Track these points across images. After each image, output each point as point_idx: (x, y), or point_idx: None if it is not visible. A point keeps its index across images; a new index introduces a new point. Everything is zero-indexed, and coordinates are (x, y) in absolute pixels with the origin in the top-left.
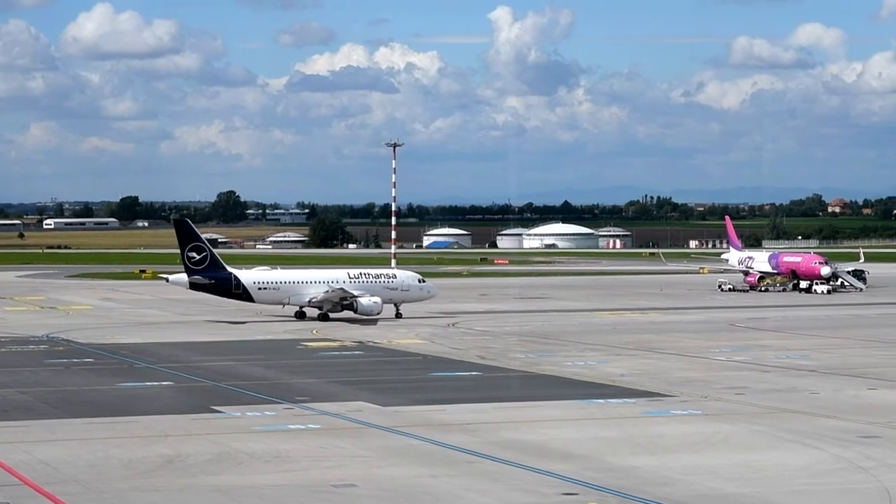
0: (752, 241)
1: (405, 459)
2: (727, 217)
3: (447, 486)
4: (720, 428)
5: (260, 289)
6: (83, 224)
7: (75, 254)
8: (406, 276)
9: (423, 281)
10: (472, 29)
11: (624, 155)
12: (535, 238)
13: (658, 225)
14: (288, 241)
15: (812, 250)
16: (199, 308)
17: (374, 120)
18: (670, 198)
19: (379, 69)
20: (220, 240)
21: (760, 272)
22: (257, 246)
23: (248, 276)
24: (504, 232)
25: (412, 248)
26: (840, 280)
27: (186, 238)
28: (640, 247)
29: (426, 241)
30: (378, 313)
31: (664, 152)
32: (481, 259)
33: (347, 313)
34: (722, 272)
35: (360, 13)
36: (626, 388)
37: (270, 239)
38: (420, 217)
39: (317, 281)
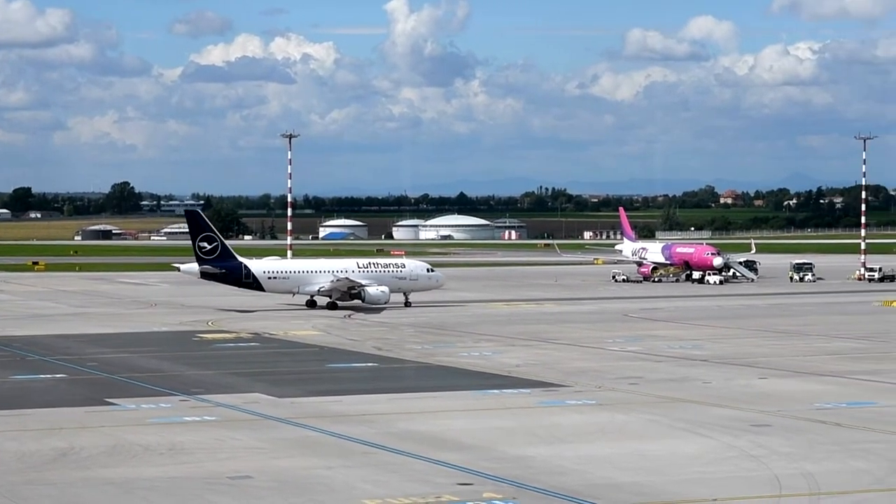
0: (646, 233)
1: (301, 451)
2: (621, 208)
3: (343, 478)
4: (614, 417)
5: (270, 278)
6: None
7: None
8: (415, 265)
9: (432, 270)
10: (368, 20)
11: (519, 147)
12: (431, 229)
13: (553, 216)
14: (183, 233)
15: (704, 241)
16: (95, 300)
17: (270, 111)
18: (565, 189)
19: (275, 60)
20: (114, 231)
21: (654, 263)
22: (152, 237)
23: (258, 265)
24: (400, 223)
25: (308, 239)
26: (732, 271)
27: (197, 228)
28: (536, 238)
29: (322, 232)
30: (385, 302)
31: (559, 144)
32: (378, 250)
33: (356, 302)
34: (616, 263)
35: (255, 3)
36: (521, 379)
37: (165, 230)
38: (316, 208)
39: (326, 270)
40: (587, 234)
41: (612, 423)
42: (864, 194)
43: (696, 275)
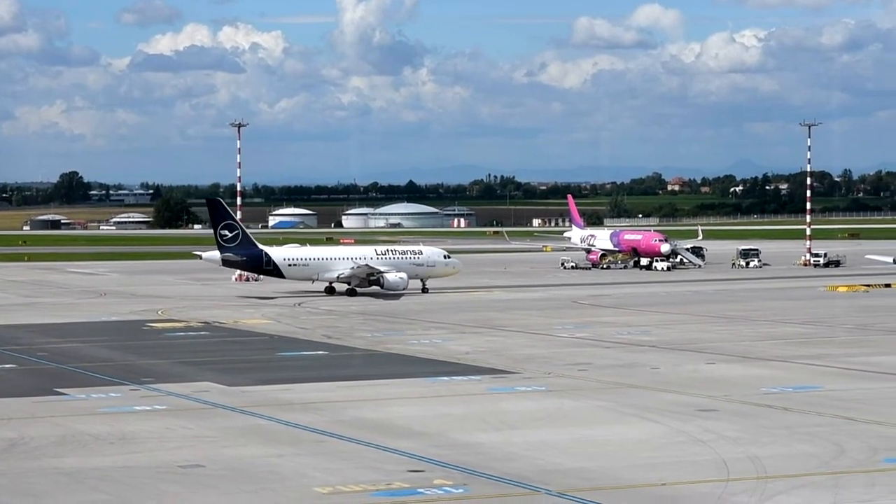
0: (594, 220)
1: (252, 439)
2: (569, 196)
3: (294, 466)
4: (563, 404)
5: (290, 265)
6: None
7: None
8: (432, 252)
9: (449, 257)
10: (316, 9)
11: (468, 135)
12: (380, 217)
13: (502, 204)
14: (132, 222)
15: (652, 228)
16: (44, 290)
17: (219, 100)
18: (513, 177)
19: (223, 49)
20: (63, 221)
21: (602, 250)
22: (101, 227)
23: (278, 252)
24: (349, 212)
25: (258, 228)
26: (679, 257)
27: (219, 217)
28: (485, 226)
29: (272, 221)
30: (404, 289)
31: (507, 132)
32: (327, 239)
33: (374, 289)
34: (564, 250)
35: None
36: (470, 366)
37: (114, 220)
38: (266, 197)
39: (345, 258)
40: (536, 222)
41: (561, 409)
42: (808, 181)
43: (643, 261)
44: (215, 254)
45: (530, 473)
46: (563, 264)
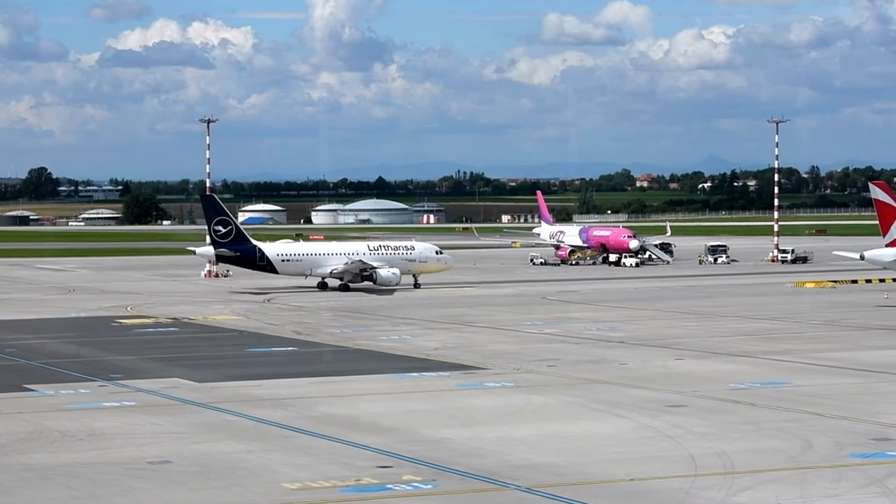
0: (563, 216)
1: (221, 435)
2: (538, 192)
3: (263, 461)
4: (532, 399)
5: (283, 261)
6: None
7: None
8: (424, 247)
9: (441, 252)
10: (286, 5)
11: (438, 131)
12: (349, 214)
13: (471, 200)
14: (101, 218)
15: (621, 224)
16: (12, 286)
17: (189, 96)
18: (483, 173)
19: (193, 45)
20: (31, 217)
21: (571, 246)
22: (70, 223)
23: (272, 248)
24: (319, 208)
25: None
26: (648, 253)
27: (213, 212)
28: (454, 222)
29: (241, 217)
30: (397, 284)
31: (477, 128)
32: (297, 235)
33: (367, 284)
34: (534, 246)
35: None
36: (440, 362)
37: (83, 216)
38: (235, 193)
39: (338, 253)
40: (505, 218)
41: (530, 404)
42: (776, 177)
43: (612, 257)
44: (209, 249)
45: (499, 469)
46: (532, 260)
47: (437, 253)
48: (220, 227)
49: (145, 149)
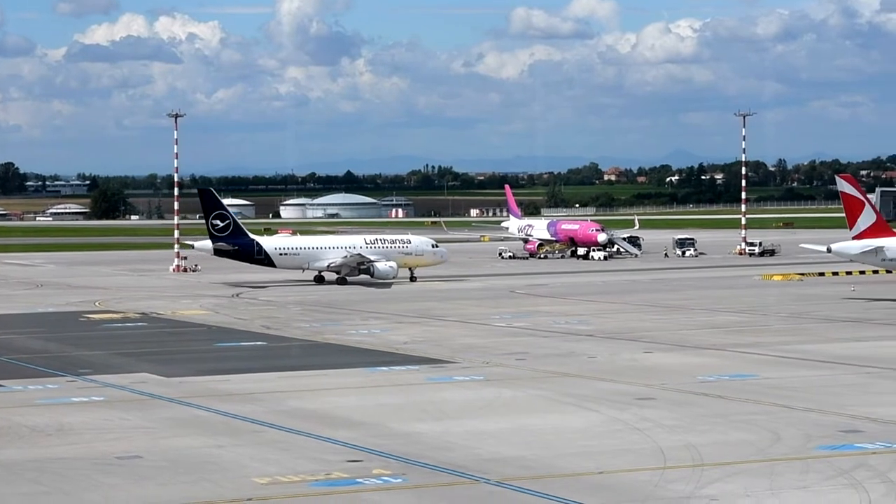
0: (532, 210)
1: (190, 430)
2: (507, 186)
3: (232, 456)
4: (501, 393)
5: (281, 254)
6: None
7: None
8: (420, 241)
9: (437, 246)
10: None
11: (406, 125)
12: (318, 208)
13: (440, 194)
14: (69, 213)
15: (589, 218)
16: None
17: (156, 90)
18: (451, 167)
19: (160, 39)
20: None
21: (539, 240)
22: (37, 218)
23: (269, 242)
24: (287, 202)
25: (196, 219)
26: (616, 246)
27: (211, 206)
28: (423, 216)
29: None
30: (393, 277)
31: (445, 122)
32: (265, 229)
33: (364, 277)
34: (502, 240)
35: None
36: (409, 356)
37: (51, 211)
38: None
39: (335, 247)
40: (474, 212)
41: (499, 398)
42: (744, 170)
43: (580, 251)
44: (207, 243)
45: (469, 462)
46: (500, 254)
47: (433, 246)
48: (218, 222)
49: (113, 143)
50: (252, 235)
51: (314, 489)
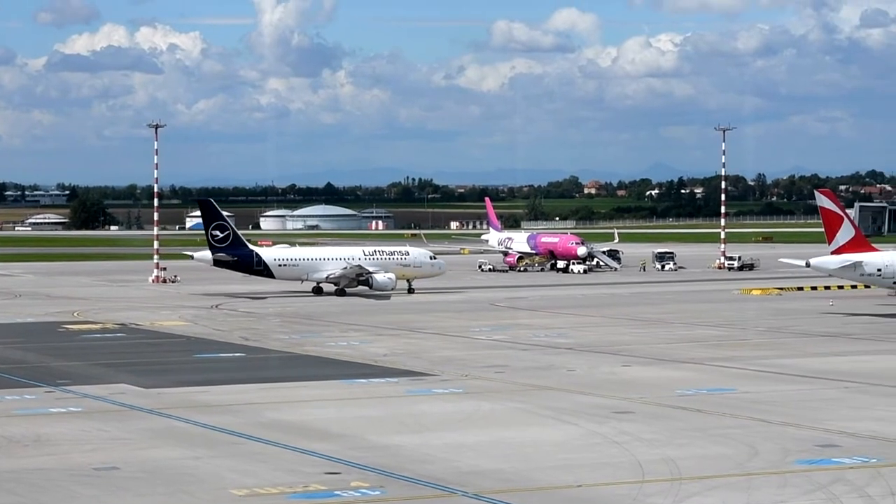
0: (512, 223)
1: (168, 441)
2: (487, 199)
3: (210, 468)
4: (480, 406)
5: (280, 265)
6: None
7: None
8: (418, 253)
9: (435, 258)
10: (235, 10)
11: (386, 137)
12: (298, 219)
13: (420, 207)
14: (48, 223)
15: (569, 231)
16: None
17: (136, 101)
18: (431, 180)
19: (141, 50)
20: None
21: (519, 253)
22: (16, 228)
23: (268, 253)
24: (267, 213)
25: (175, 229)
26: (596, 260)
27: (210, 217)
28: (403, 228)
29: (189, 222)
30: (392, 289)
31: (426, 135)
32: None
33: (363, 289)
34: (482, 253)
35: None
36: (388, 368)
37: (30, 221)
38: (183, 199)
39: (334, 258)
40: (454, 225)
41: (478, 411)
42: (723, 184)
43: (560, 264)
44: (207, 254)
45: (447, 475)
46: (480, 267)
47: (430, 258)
48: (218, 232)
49: (93, 154)
50: (251, 246)
51: (292, 501)
